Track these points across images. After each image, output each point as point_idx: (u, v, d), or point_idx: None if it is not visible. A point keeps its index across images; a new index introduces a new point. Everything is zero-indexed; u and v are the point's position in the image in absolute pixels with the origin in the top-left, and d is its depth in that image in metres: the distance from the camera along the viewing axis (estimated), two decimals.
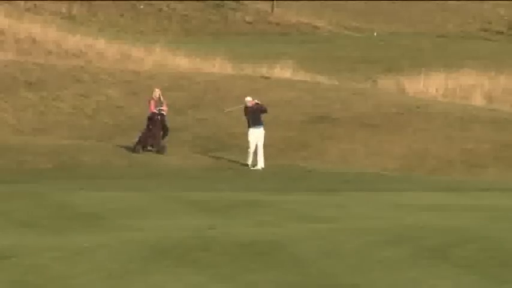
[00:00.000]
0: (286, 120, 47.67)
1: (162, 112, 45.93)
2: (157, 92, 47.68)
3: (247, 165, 43.61)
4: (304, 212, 29.49)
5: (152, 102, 46.83)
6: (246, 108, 46.06)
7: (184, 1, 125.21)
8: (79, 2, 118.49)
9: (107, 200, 32.66)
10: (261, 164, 43.83)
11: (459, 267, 17.89)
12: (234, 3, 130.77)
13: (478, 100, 69.59)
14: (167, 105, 47.37)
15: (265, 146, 44.38)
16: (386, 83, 76.45)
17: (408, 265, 19.65)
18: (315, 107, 55.89)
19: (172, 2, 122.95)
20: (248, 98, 46.50)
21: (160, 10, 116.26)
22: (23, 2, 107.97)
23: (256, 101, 45.84)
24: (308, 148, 46.55)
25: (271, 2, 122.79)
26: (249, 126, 44.49)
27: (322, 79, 66.38)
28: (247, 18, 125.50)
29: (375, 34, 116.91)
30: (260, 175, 42.67)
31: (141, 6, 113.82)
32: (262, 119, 44.98)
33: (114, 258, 20.34)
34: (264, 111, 45.52)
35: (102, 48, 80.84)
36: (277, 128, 46.33)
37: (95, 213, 29.82)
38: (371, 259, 19.35)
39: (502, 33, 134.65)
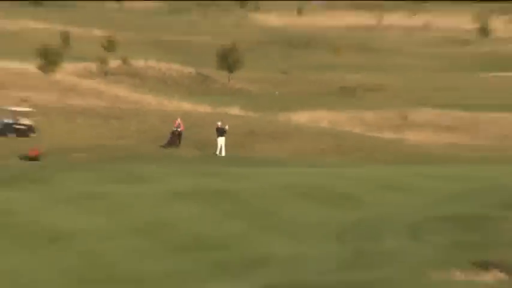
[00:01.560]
0: (232, 133, 53.46)
1: (179, 130, 52.83)
2: (178, 120, 54.64)
3: (216, 154, 51.62)
4: (242, 175, 39.45)
5: (176, 125, 53.81)
6: (217, 128, 53.99)
7: None
8: None
9: (161, 169, 41.99)
10: (223, 154, 52.54)
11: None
12: None
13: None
14: (183, 126, 53.73)
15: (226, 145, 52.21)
16: None
17: (294, 200, 33.23)
18: (245, 126, 60.18)
19: None
20: (218, 123, 54.37)
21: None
22: None
23: (221, 124, 53.69)
24: (244, 147, 54.51)
25: None
26: (217, 136, 53.19)
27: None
28: None
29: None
30: (222, 159, 50.83)
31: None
32: (224, 133, 52.89)
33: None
34: (225, 130, 53.54)
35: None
36: (229, 137, 52.87)
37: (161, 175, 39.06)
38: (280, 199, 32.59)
39: None
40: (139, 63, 72.37)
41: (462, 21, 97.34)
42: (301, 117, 62.15)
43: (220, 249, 27.18)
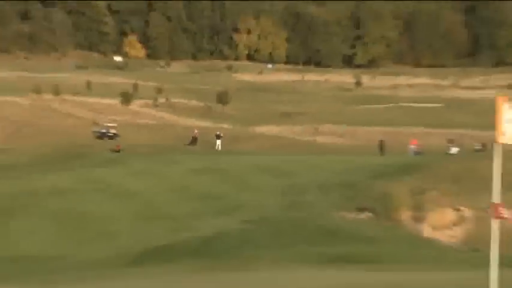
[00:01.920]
0: (224, 138, 49.95)
1: (196, 136, 50.41)
2: (195, 130, 51.78)
3: (215, 149, 47.94)
4: (229, 160, 37.50)
5: (195, 133, 50.63)
6: (216, 134, 49.84)
7: None
8: None
9: (187, 157, 39.91)
10: (219, 149, 48.03)
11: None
12: None
13: None
14: (198, 134, 50.60)
15: (221, 144, 48.86)
16: None
17: (257, 173, 31.52)
18: (231, 134, 55.95)
19: None
20: (217, 132, 50.68)
21: None
22: None
23: (218, 133, 50.05)
24: (231, 145, 49.99)
25: None
26: (216, 139, 49.03)
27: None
28: None
29: None
30: (218, 152, 46.92)
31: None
32: (220, 137, 48.95)
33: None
34: (221, 136, 49.64)
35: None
36: (222, 140, 49.15)
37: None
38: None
39: None
40: (174, 100, 73.06)
41: (346, 78, 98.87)
42: (262, 129, 60.38)
43: (217, 200, 26.83)
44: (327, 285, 9.53)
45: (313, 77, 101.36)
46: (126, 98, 65.67)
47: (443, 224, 25.65)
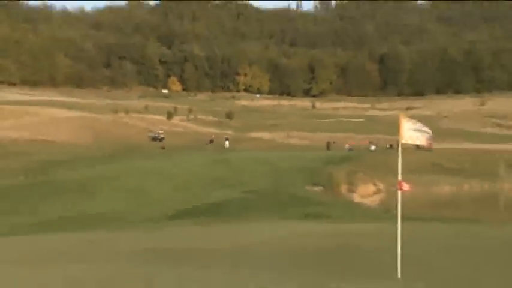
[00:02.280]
0: (230, 140, 46.20)
1: (213, 138, 46.67)
2: (212, 136, 48.19)
3: (224, 147, 42.87)
4: (233, 155, 34.69)
5: (212, 137, 46.89)
6: (225, 138, 45.47)
7: None
8: None
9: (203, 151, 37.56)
10: (227, 147, 42.93)
11: None
12: None
13: None
14: (214, 137, 46.94)
15: (229, 144, 44.81)
16: None
17: (253, 164, 29.17)
18: (235, 137, 51.98)
19: None
20: (225, 136, 46.68)
21: None
22: None
23: (226, 136, 45.41)
24: (234, 145, 45.93)
25: None
26: (225, 141, 44.44)
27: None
28: None
29: None
30: (227, 149, 42.00)
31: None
32: (227, 140, 44.51)
33: None
34: (228, 138, 45.23)
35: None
36: (230, 141, 45.23)
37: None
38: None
39: None
40: (199, 116, 71.52)
41: (306, 103, 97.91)
42: (254, 134, 57.36)
43: (224, 179, 26.01)
44: (294, 231, 9.75)
45: (285, 102, 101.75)
46: (170, 115, 65.18)
47: (367, 194, 26.54)
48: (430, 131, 5.52)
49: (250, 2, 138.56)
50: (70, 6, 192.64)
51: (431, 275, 5.76)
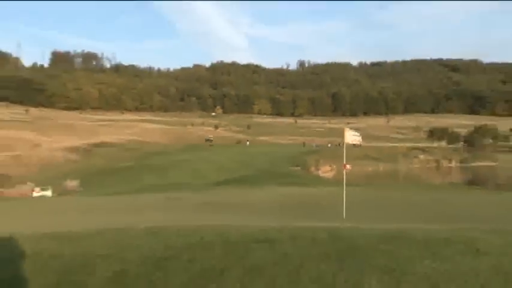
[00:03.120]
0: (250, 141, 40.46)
1: (241, 140, 40.53)
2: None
3: (246, 145, 36.97)
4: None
5: (238, 139, 41.26)
6: (247, 140, 39.99)
7: None
8: None
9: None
10: (248, 144, 36.56)
11: None
12: None
13: None
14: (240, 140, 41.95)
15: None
16: None
17: (258, 156, 25.84)
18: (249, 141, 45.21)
19: None
20: (247, 139, 40.94)
21: None
22: None
23: (247, 139, 40.43)
24: (255, 143, 40.75)
25: None
26: (246, 142, 38.89)
27: None
28: None
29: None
30: (247, 147, 36.63)
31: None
32: (247, 141, 39.19)
33: None
34: (248, 140, 40.33)
35: None
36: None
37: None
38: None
39: None
40: (232, 127, 61.16)
41: (291, 120, 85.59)
42: (263, 138, 51.76)
43: (243, 163, 24.09)
44: (282, 193, 9.28)
45: (279, 119, 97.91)
46: (216, 127, 63.22)
47: (326, 171, 25.62)
48: (360, 136, 5.65)
49: (260, 63, 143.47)
50: (162, 66, 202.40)
51: (363, 216, 5.66)
